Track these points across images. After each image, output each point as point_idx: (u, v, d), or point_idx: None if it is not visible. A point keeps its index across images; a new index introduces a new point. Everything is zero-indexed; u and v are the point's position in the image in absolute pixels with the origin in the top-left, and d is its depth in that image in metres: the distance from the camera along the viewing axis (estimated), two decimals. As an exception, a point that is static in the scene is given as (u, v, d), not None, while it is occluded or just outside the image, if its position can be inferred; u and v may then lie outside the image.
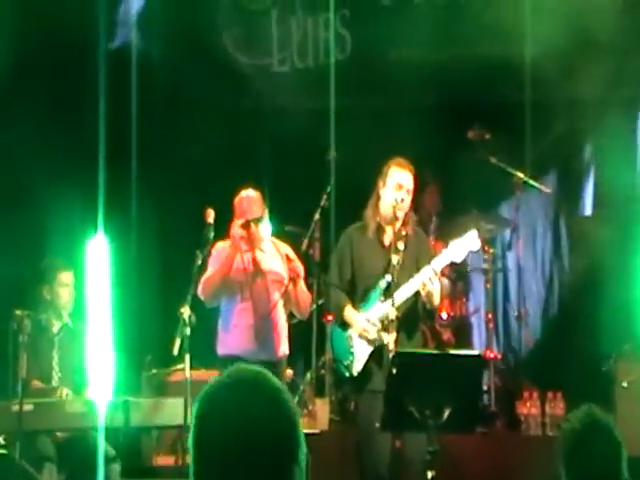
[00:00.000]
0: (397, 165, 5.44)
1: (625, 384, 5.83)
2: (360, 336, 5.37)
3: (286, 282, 5.68)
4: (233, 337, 5.70)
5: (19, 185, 6.89)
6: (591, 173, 6.95)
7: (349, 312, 5.44)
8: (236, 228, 5.66)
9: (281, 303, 5.71)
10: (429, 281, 5.21)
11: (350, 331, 5.43)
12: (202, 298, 5.66)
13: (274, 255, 5.78)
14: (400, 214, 5.39)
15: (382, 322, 5.30)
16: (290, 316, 5.90)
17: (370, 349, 5.35)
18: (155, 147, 7.68)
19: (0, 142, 6.81)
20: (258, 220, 5.69)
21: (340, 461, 5.82)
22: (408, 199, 5.41)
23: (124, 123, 7.34)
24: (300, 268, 5.70)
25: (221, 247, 5.78)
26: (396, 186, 5.39)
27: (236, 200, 5.79)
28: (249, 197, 5.74)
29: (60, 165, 6.82)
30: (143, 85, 7.71)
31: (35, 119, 6.83)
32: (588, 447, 2.41)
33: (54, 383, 5.92)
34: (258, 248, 5.74)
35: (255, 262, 5.71)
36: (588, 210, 7.18)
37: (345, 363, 5.41)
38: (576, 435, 2.43)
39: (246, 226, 5.66)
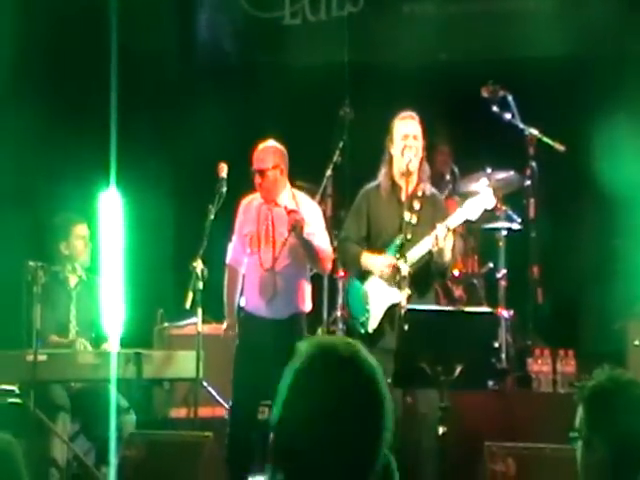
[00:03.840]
0: (399, 119, 5.46)
1: (637, 342, 5.83)
2: (381, 275, 5.36)
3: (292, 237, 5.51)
4: (245, 291, 5.70)
5: (33, 138, 6.87)
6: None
7: (366, 257, 5.43)
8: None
9: (294, 258, 5.59)
10: (442, 238, 5.21)
11: (367, 286, 5.44)
12: None
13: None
14: (413, 167, 5.38)
15: (396, 273, 5.29)
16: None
17: (385, 306, 5.36)
18: (169, 101, 7.64)
19: (17, 95, 6.79)
20: (261, 172, 5.55)
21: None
22: (417, 144, 5.40)
23: (137, 76, 7.29)
24: (300, 219, 5.45)
25: (246, 204, 5.71)
26: (402, 137, 5.41)
27: None
28: (262, 147, 5.66)
29: (74, 117, 6.81)
30: (156, 40, 7.66)
31: (50, 71, 6.82)
32: (623, 403, 2.40)
33: (71, 336, 5.95)
34: (273, 200, 5.66)
35: (266, 216, 5.64)
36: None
37: (361, 320, 5.42)
38: (610, 391, 2.42)
39: (261, 174, 5.60)
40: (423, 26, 7.87)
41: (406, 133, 5.41)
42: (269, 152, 5.63)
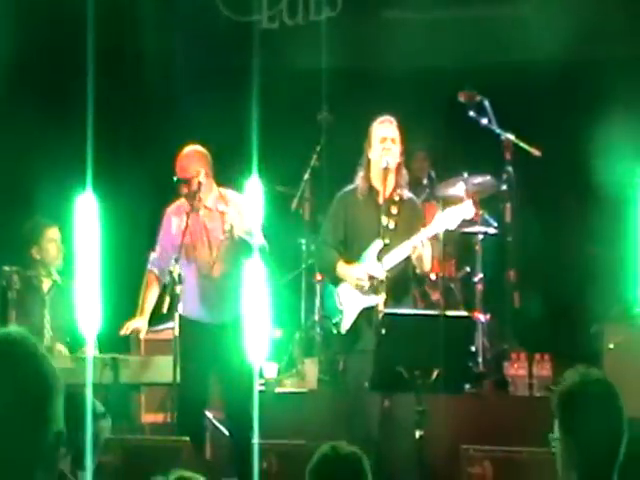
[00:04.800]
0: (377, 123, 5.50)
1: (612, 345, 5.85)
2: (356, 287, 5.36)
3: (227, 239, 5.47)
4: (184, 298, 5.61)
5: (6, 141, 6.83)
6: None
7: (341, 267, 5.44)
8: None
9: (232, 261, 5.53)
10: (420, 245, 5.23)
11: (340, 288, 5.44)
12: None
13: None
14: (391, 165, 5.39)
15: (372, 281, 5.31)
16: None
17: (359, 307, 5.37)
18: (146, 105, 7.62)
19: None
20: (186, 180, 5.50)
21: (328, 420, 5.85)
22: (395, 148, 5.42)
23: (116, 79, 7.27)
24: (232, 220, 5.41)
25: (173, 213, 5.63)
26: (380, 140, 5.44)
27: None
28: (183, 154, 5.60)
29: (49, 120, 6.77)
30: (134, 44, 7.64)
31: (27, 73, 6.78)
32: (589, 404, 2.43)
33: (46, 342, 5.91)
34: (202, 206, 5.58)
35: (197, 221, 5.58)
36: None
37: (334, 320, 5.44)
38: (576, 393, 2.44)
39: (186, 184, 5.53)
40: (401, 31, 7.89)
41: (384, 136, 5.44)
42: (190, 158, 5.58)
